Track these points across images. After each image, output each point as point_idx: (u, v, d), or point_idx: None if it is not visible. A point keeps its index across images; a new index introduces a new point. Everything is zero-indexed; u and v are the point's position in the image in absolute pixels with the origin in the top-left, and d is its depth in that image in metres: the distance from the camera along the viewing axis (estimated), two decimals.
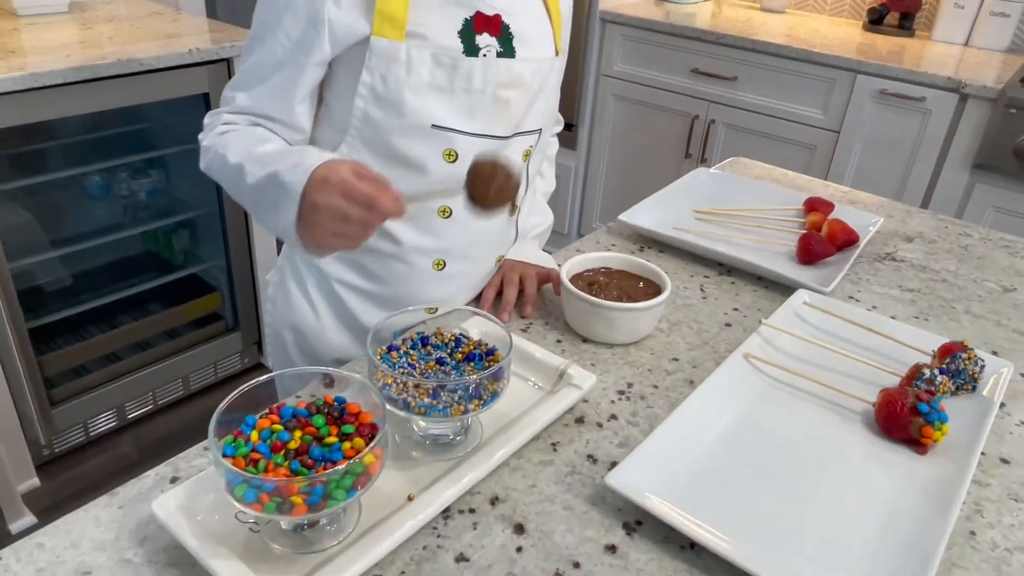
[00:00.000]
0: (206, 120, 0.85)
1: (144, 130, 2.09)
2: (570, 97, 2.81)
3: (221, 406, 0.57)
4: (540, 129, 0.88)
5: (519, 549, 0.60)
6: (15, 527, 1.75)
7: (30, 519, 1.78)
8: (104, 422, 2.01)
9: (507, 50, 0.80)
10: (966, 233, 1.17)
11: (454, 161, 0.82)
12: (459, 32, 0.77)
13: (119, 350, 2.04)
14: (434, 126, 0.79)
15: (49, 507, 1.82)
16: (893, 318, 0.93)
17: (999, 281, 1.04)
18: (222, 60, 1.82)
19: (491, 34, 0.79)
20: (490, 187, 0.69)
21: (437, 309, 0.87)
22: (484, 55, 0.79)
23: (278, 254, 1.01)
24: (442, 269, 0.88)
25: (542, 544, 0.61)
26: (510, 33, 0.80)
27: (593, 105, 2.83)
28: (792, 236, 1.07)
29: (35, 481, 1.85)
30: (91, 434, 1.99)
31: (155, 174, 2.15)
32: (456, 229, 0.86)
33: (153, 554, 0.58)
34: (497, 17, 0.79)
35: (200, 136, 0.84)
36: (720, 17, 2.73)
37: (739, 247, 1.05)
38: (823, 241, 1.02)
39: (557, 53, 0.86)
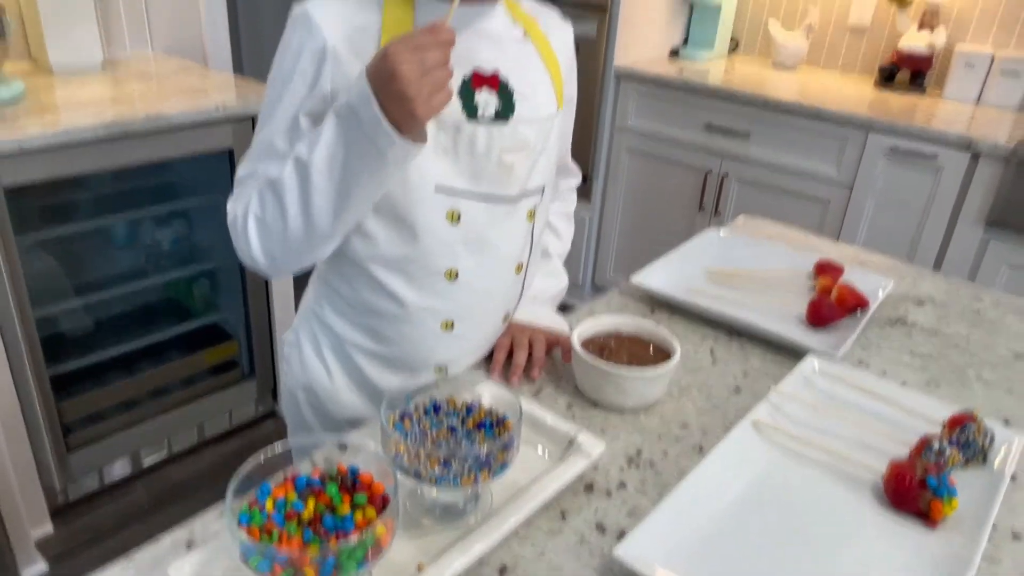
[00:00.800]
0: (229, 206, 0.84)
1: (169, 182, 2.14)
2: (585, 150, 2.86)
3: (237, 475, 0.58)
4: (544, 187, 0.90)
5: None
6: (27, 574, 1.76)
7: (42, 566, 1.78)
8: (119, 469, 2.03)
9: (507, 105, 0.82)
10: (977, 297, 1.18)
11: (456, 223, 0.83)
12: (458, 91, 0.80)
13: (136, 396, 2.06)
14: (438, 187, 0.81)
15: (61, 553, 1.82)
16: (903, 384, 0.93)
17: (1011, 347, 1.04)
18: (247, 117, 1.88)
19: (491, 89, 0.81)
20: None
21: (447, 370, 0.88)
22: (483, 112, 0.81)
23: (295, 308, 1.03)
24: (450, 329, 0.89)
25: None
26: (509, 89, 0.82)
27: (608, 158, 2.87)
28: (802, 299, 1.08)
29: (48, 528, 1.86)
30: (105, 481, 2.01)
31: (178, 224, 2.20)
32: (462, 290, 0.87)
33: None
34: (495, 74, 0.82)
35: (230, 221, 0.84)
36: (733, 73, 2.78)
37: (749, 309, 1.06)
38: (832, 306, 1.03)
39: (559, 107, 0.88)
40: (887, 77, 2.67)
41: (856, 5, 2.77)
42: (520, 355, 0.91)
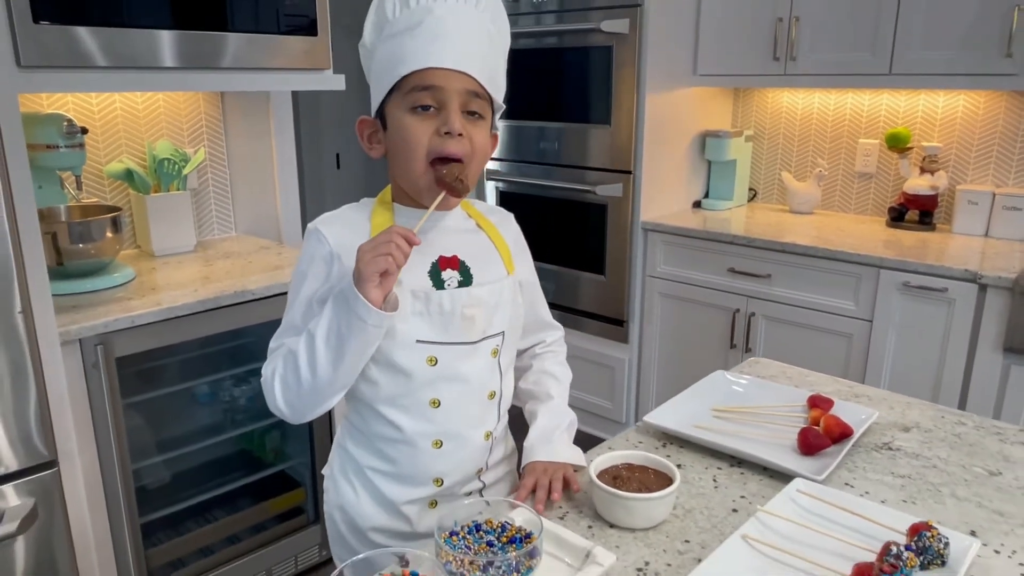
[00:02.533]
0: (263, 369, 1.10)
1: (247, 343, 2.43)
2: (620, 296, 3.09)
3: None
4: (503, 332, 1.15)
5: None
6: None
7: None
8: None
9: (466, 277, 1.12)
10: (961, 422, 1.32)
11: (435, 364, 1.09)
12: (428, 272, 1.09)
13: (212, 544, 2.25)
14: (418, 341, 1.08)
15: None
16: (883, 502, 1.07)
17: (986, 466, 1.17)
18: None
19: (452, 269, 1.11)
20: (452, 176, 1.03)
21: (443, 481, 1.12)
22: (448, 284, 1.10)
23: None
24: (439, 447, 1.12)
25: None
26: (467, 266, 1.12)
27: (642, 303, 3.09)
28: (796, 430, 1.24)
29: None
30: None
31: (254, 381, 2.46)
32: (445, 414, 1.12)
33: None
34: (455, 256, 1.12)
35: (263, 380, 1.10)
36: (753, 220, 3.02)
37: (749, 441, 1.22)
38: (819, 435, 1.18)
39: (509, 273, 1.16)
40: (897, 217, 2.87)
41: (860, 155, 3.03)
42: (542, 492, 1.09)
